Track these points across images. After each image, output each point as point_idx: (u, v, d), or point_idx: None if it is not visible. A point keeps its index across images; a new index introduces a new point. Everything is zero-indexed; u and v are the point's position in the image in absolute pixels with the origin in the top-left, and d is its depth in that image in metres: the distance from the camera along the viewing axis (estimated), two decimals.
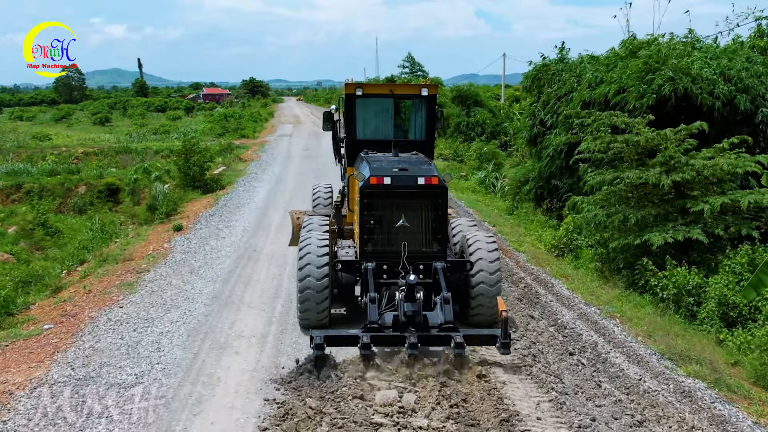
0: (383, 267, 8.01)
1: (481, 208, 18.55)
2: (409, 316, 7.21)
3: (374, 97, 9.82)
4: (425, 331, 7.19)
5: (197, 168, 21.75)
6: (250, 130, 48.11)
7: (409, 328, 7.18)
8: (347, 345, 7.18)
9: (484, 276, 8.14)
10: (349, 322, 8.56)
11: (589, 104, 16.41)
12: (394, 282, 7.84)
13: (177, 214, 18.67)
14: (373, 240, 8.13)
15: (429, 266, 8.03)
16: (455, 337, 6.99)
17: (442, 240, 8.27)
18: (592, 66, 17.26)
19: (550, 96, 18.68)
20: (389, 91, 9.97)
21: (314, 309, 8.04)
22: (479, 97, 38.33)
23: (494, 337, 7.17)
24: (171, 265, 12.14)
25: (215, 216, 16.80)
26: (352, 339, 7.08)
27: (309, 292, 7.96)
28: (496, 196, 21.62)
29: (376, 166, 8.37)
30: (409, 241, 7.94)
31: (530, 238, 15.10)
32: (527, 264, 12.44)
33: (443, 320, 7.33)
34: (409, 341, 6.92)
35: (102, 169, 30.00)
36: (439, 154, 33.20)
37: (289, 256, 12.49)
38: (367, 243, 8.13)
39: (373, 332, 7.10)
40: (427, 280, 7.99)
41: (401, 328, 7.20)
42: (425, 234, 8.12)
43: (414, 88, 10.34)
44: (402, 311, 7.25)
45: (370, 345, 6.94)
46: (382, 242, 8.12)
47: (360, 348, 6.97)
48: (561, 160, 17.36)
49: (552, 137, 18.04)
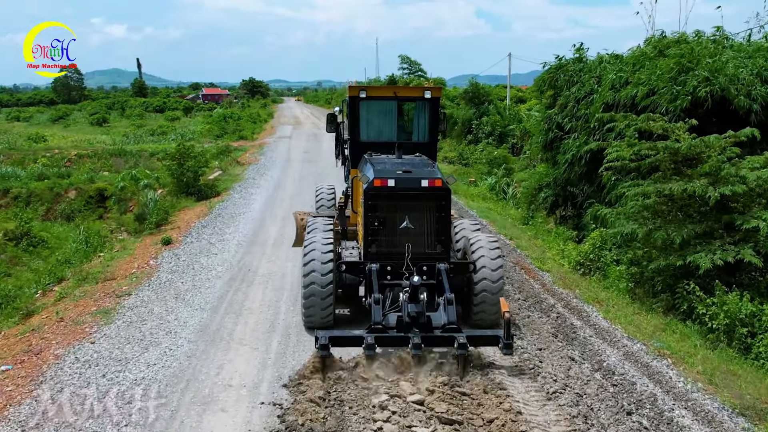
0: (387, 268, 8.02)
1: (495, 218, 17.14)
2: (413, 317, 7.21)
3: (378, 100, 9.82)
4: (429, 332, 7.20)
5: (191, 174, 20.31)
6: (248, 131, 46.64)
7: (413, 328, 7.18)
8: (352, 345, 7.13)
9: (487, 279, 8.13)
10: (352, 323, 8.53)
11: (612, 107, 15.06)
12: (398, 283, 7.84)
13: (168, 223, 17.25)
14: (377, 241, 8.13)
15: (432, 267, 8.05)
16: (458, 338, 7.00)
17: (446, 242, 8.25)
18: (615, 66, 15.86)
19: (567, 98, 17.28)
20: (393, 93, 9.97)
21: (319, 310, 8.08)
22: (491, 96, 36.80)
23: (497, 337, 7.15)
24: (155, 288, 10.71)
25: (208, 227, 15.37)
26: (356, 339, 7.09)
27: (314, 296, 8.00)
28: (507, 204, 20.21)
29: (380, 168, 8.33)
30: (413, 243, 7.96)
31: (551, 253, 13.70)
32: (554, 287, 11.02)
33: (446, 321, 7.33)
34: (413, 342, 6.92)
35: (94, 173, 28.53)
36: (443, 157, 31.79)
37: (287, 277, 11.08)
38: (371, 244, 8.13)
39: (377, 333, 7.12)
40: (431, 281, 7.99)
41: (405, 328, 7.19)
42: (429, 236, 8.13)
43: (417, 91, 10.20)
44: (406, 312, 7.23)
45: (374, 345, 6.95)
46: (386, 244, 8.12)
47: (364, 348, 6.95)
48: (581, 167, 15.98)
49: (570, 142, 16.70)
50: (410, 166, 8.46)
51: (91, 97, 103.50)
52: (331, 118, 10.71)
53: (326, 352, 6.98)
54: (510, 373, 7.20)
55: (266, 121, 60.18)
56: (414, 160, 9.00)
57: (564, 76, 17.73)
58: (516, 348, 7.43)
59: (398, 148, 9.27)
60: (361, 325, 7.86)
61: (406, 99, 10.07)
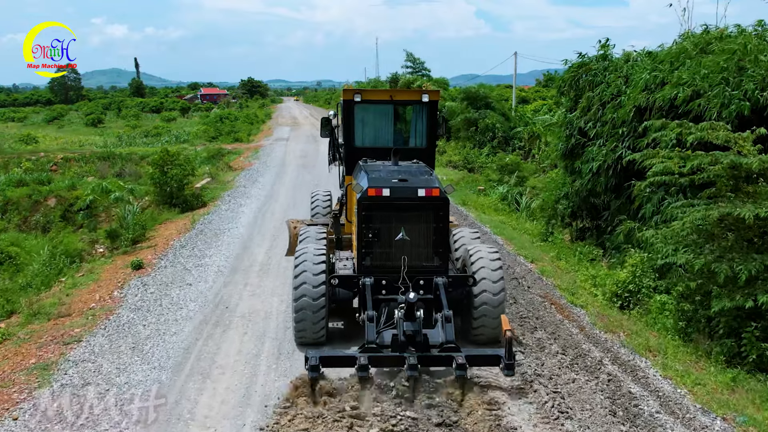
0: (382, 282, 7.53)
1: (511, 234, 15.15)
2: (409, 336, 6.76)
3: (373, 103, 9.38)
4: (425, 351, 6.74)
5: (175, 183, 18.31)
6: (244, 133, 44.63)
7: (409, 348, 6.73)
8: (344, 366, 6.62)
9: (488, 292, 7.66)
10: (347, 338, 8.10)
11: (644, 111, 13.12)
12: (394, 298, 7.25)
13: (145, 240, 15.28)
14: (372, 254, 7.69)
15: (430, 281, 7.57)
16: (457, 358, 6.53)
17: (444, 254, 7.82)
18: (648, 64, 13.86)
19: (591, 101, 15.30)
20: (389, 96, 9.48)
21: (310, 326, 7.62)
22: (490, 98, 34.71)
23: (498, 357, 6.65)
24: (111, 333, 8.71)
25: (187, 247, 13.36)
26: (348, 360, 6.60)
27: (305, 310, 7.53)
28: (521, 216, 18.21)
29: (375, 176, 7.90)
30: (409, 255, 7.51)
31: (580, 279, 11.71)
32: (595, 330, 9.02)
33: (444, 339, 6.85)
34: (408, 362, 6.45)
35: (77, 179, 26.48)
36: (447, 161, 29.81)
37: (271, 319, 9.09)
38: (366, 257, 7.71)
39: (370, 353, 6.63)
40: (428, 295, 7.51)
41: (401, 348, 6.73)
42: (426, 248, 7.70)
43: (415, 94, 9.83)
44: (401, 330, 6.77)
45: (367, 366, 6.45)
46: (381, 256, 7.67)
47: (357, 370, 6.42)
48: (609, 178, 14.06)
49: (595, 150, 14.75)
50: (407, 174, 7.99)
51: (89, 97, 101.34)
52: (325, 122, 10.05)
53: (316, 374, 6.38)
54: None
55: (264, 122, 58.17)
56: (411, 168, 8.50)
57: (587, 75, 15.73)
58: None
59: (394, 154, 8.70)
60: (356, 340, 7.29)
61: (402, 103, 9.62)
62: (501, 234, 14.87)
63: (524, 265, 12.25)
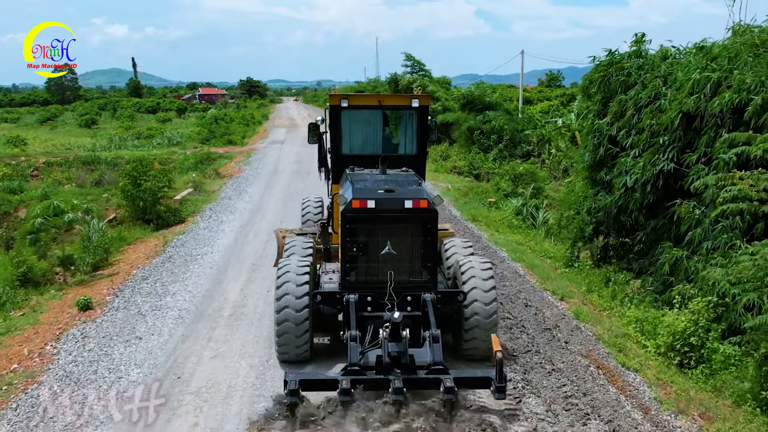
0: (367, 299, 7.02)
1: (531, 261, 12.87)
2: (394, 357, 6.29)
3: (361, 109, 8.96)
4: (412, 373, 6.27)
5: (149, 196, 16.05)
6: (238, 135, 42.31)
7: (394, 370, 6.26)
8: (325, 390, 6.09)
9: (479, 308, 7.19)
10: (332, 355, 7.53)
11: (693, 118, 10.97)
12: (380, 315, 6.70)
13: (108, 266, 13.05)
14: (357, 269, 7.19)
15: (418, 297, 7.07)
16: (445, 381, 6.03)
17: (432, 268, 7.28)
18: (697, 61, 11.59)
19: (624, 104, 13.04)
20: (377, 102, 9.15)
21: (293, 340, 7.14)
22: (491, 99, 32.30)
23: (489, 379, 6.12)
24: (18, 420, 6.44)
25: (149, 280, 11.08)
26: (330, 383, 6.12)
27: (287, 324, 7.07)
28: (538, 233, 15.93)
29: (360, 186, 7.43)
30: (396, 270, 7.03)
31: (623, 324, 9.44)
32: (663, 414, 6.71)
33: (432, 360, 6.36)
34: (393, 386, 5.96)
35: (52, 187, 24.16)
36: (452, 167, 27.51)
37: (236, 389, 6.86)
38: (350, 272, 7.20)
39: (353, 375, 6.13)
40: (416, 312, 6.99)
41: (385, 370, 6.21)
42: (413, 262, 7.18)
43: (404, 99, 9.33)
44: (386, 351, 6.25)
45: (350, 390, 5.93)
46: (367, 271, 7.18)
47: (339, 394, 5.91)
48: (646, 195, 11.87)
49: (629, 161, 12.56)
50: (394, 185, 7.53)
51: (86, 98, 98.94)
52: (313, 128, 9.61)
53: (296, 399, 5.92)
54: None
55: (260, 124, 55.86)
56: (399, 177, 8.01)
57: (618, 75, 13.46)
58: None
59: (382, 162, 8.20)
60: (342, 357, 6.73)
61: (391, 108, 9.20)
62: (521, 260, 12.58)
63: (554, 306, 9.97)
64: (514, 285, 10.87)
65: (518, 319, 9.09)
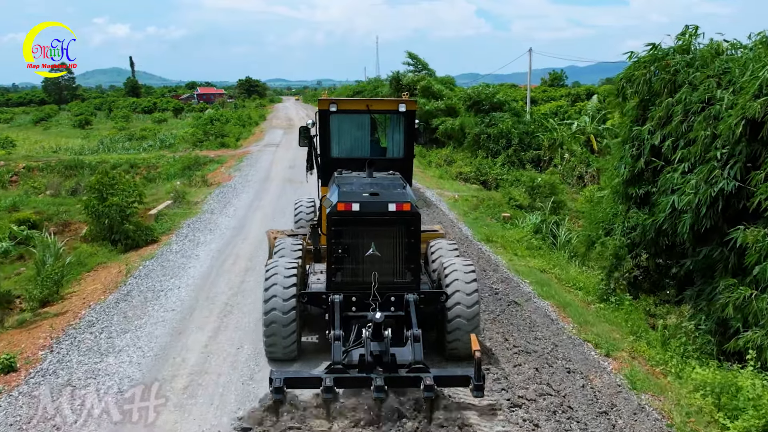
0: (352, 299, 7.11)
1: (561, 296, 10.59)
2: (376, 356, 6.34)
3: (350, 113, 8.91)
4: (393, 372, 6.33)
5: (116, 213, 13.79)
6: (233, 137, 39.97)
7: (376, 368, 6.30)
8: (309, 387, 6.23)
9: (461, 309, 7.28)
10: (320, 352, 7.60)
11: (759, 126, 8.87)
12: (364, 315, 6.81)
13: (58, 301, 10.81)
14: (342, 270, 7.24)
15: (401, 298, 7.13)
16: (425, 379, 6.09)
17: (415, 270, 7.33)
18: (764, 58, 9.38)
19: (671, 109, 10.84)
20: (365, 106, 9.04)
21: (281, 340, 7.31)
22: (499, 99, 30.00)
23: (467, 378, 6.19)
24: None
25: (95, 327, 8.80)
26: (314, 381, 6.22)
27: (275, 324, 7.22)
28: (561, 255, 13.65)
29: (346, 190, 7.49)
30: (380, 271, 7.07)
31: (698, 398, 7.19)
32: None
33: (413, 359, 6.41)
34: (375, 384, 6.04)
35: (24, 196, 21.92)
36: (457, 173, 25.24)
37: None
38: (336, 273, 7.26)
39: (336, 374, 6.21)
40: (399, 312, 7.11)
41: (368, 368, 6.29)
42: (397, 263, 7.23)
43: (391, 104, 9.01)
44: (368, 350, 6.35)
45: (333, 388, 6.07)
46: (352, 272, 7.21)
47: (322, 392, 6.02)
48: (702, 219, 9.79)
49: (677, 177, 10.45)
50: (379, 188, 7.51)
51: (83, 97, 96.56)
52: (303, 132, 9.38)
53: (280, 396, 5.94)
54: None
55: (257, 124, 53.48)
56: (384, 180, 7.99)
57: (662, 73, 11.22)
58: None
59: (369, 165, 8.29)
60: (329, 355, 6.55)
61: (379, 112, 9.22)
62: (549, 297, 10.31)
63: (602, 368, 7.70)
64: (547, 335, 8.63)
65: (562, 394, 6.83)
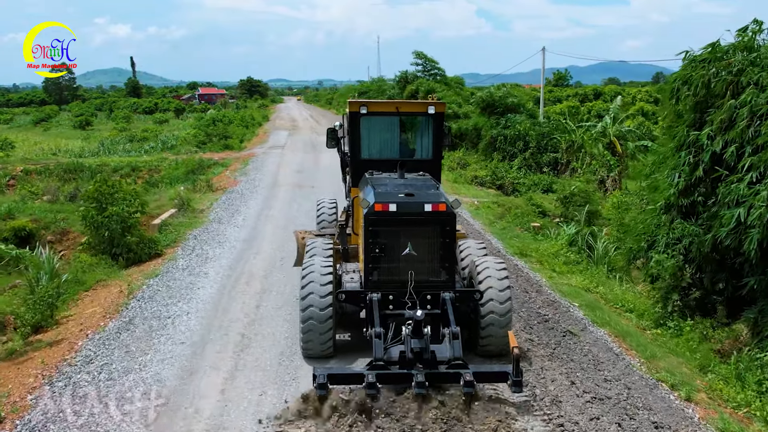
0: (389, 297, 7.20)
1: (613, 319, 9.40)
2: (416, 353, 6.41)
3: (379, 116, 8.92)
4: (433, 368, 6.41)
5: (116, 224, 12.60)
6: (236, 138, 38.73)
7: (417, 365, 6.40)
8: (352, 383, 6.25)
9: (494, 306, 7.36)
10: (353, 350, 7.69)
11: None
12: (401, 313, 6.90)
13: (53, 327, 9.64)
14: (379, 269, 7.32)
15: (437, 296, 7.25)
16: (464, 375, 6.24)
17: (450, 268, 7.42)
18: None
19: (737, 113, 9.69)
20: (395, 108, 9.18)
21: (317, 339, 7.38)
22: (515, 101, 28.81)
23: (506, 374, 6.33)
24: None
25: (93, 364, 7.59)
26: (356, 377, 6.27)
27: (312, 322, 7.29)
28: (599, 270, 12.47)
29: (381, 191, 7.54)
30: (416, 270, 7.18)
31: None
32: None
33: (452, 356, 6.51)
34: (416, 380, 6.18)
35: (20, 203, 20.70)
36: (473, 177, 24.03)
37: None
38: (373, 272, 7.34)
39: (378, 370, 6.32)
40: (435, 310, 7.19)
41: (408, 365, 6.40)
42: (433, 262, 7.32)
43: (421, 106, 9.14)
44: (409, 347, 6.44)
45: (375, 384, 6.14)
46: (388, 271, 7.29)
47: (365, 387, 6.10)
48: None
49: (743, 188, 9.36)
50: (413, 188, 7.63)
51: (84, 98, 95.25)
52: (331, 134, 9.56)
53: (324, 392, 6.08)
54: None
55: (260, 125, 52.22)
56: (417, 181, 8.16)
57: (723, 73, 10.04)
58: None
59: (400, 167, 8.40)
60: (363, 352, 7.03)
61: (408, 114, 9.10)
62: (605, 324, 9.11)
63: (684, 413, 6.50)
64: (617, 375, 7.42)
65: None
